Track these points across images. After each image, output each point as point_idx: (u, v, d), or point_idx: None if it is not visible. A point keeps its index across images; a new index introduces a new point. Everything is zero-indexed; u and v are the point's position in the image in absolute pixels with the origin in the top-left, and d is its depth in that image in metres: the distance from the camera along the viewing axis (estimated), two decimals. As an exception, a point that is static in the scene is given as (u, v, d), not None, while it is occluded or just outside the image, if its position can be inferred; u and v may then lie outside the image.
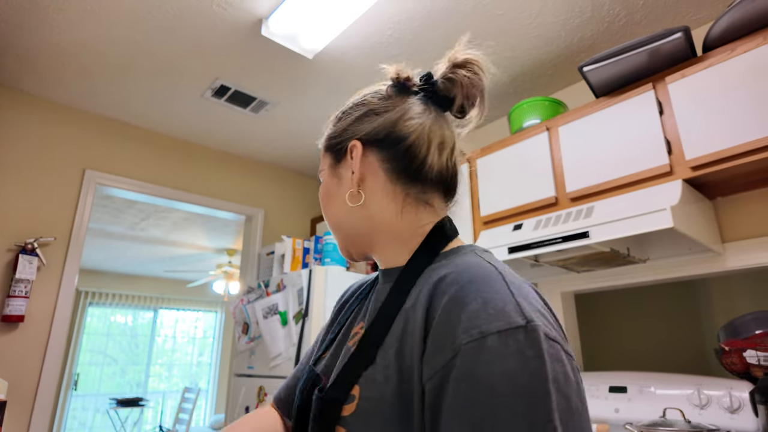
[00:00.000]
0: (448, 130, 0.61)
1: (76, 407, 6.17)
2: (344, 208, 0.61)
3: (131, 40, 2.03)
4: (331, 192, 0.63)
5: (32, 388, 2.20)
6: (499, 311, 0.41)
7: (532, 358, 0.39)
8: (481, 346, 0.40)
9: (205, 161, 3.03)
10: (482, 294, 0.43)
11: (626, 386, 1.70)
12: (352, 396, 0.47)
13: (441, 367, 0.41)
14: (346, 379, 0.49)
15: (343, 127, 0.62)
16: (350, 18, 1.83)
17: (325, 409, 0.48)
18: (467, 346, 0.40)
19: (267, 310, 2.38)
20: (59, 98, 2.50)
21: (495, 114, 2.62)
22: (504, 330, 0.40)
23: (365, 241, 0.61)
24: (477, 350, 0.39)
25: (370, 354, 0.49)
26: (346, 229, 0.62)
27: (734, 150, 1.33)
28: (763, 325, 1.50)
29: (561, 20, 1.91)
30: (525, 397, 0.37)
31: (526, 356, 0.39)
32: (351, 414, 0.46)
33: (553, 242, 1.52)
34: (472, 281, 0.45)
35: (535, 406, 0.37)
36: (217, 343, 7.52)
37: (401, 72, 0.62)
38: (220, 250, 5.69)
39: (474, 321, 0.41)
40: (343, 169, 0.61)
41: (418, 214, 0.60)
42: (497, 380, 0.38)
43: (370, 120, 0.61)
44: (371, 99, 0.62)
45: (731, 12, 1.38)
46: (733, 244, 1.59)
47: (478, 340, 0.40)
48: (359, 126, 0.61)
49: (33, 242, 2.27)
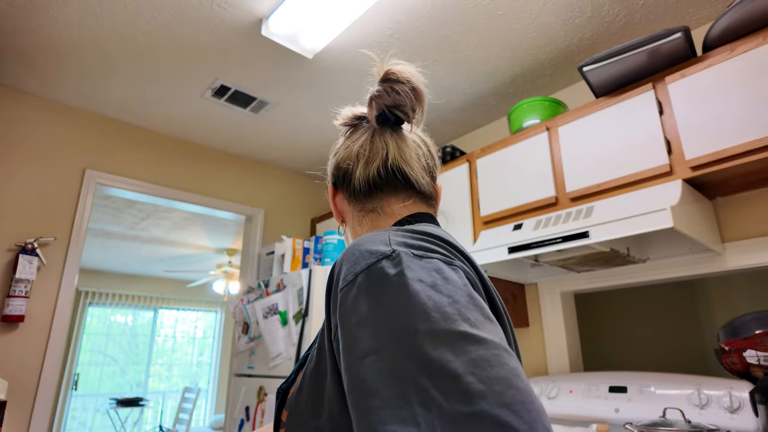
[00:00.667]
0: (381, 141, 0.66)
1: (76, 407, 6.17)
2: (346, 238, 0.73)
3: (132, 40, 2.03)
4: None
5: (32, 388, 2.20)
6: (369, 253, 0.43)
7: (394, 275, 0.39)
8: (352, 287, 0.41)
9: (205, 161, 3.03)
10: (360, 246, 0.45)
11: (626, 386, 1.70)
12: (296, 381, 0.53)
13: (335, 324, 0.43)
14: (295, 369, 0.56)
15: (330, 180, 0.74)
16: (350, 18, 1.83)
17: (277, 397, 0.55)
18: (342, 291, 0.42)
19: (267, 310, 2.38)
20: (59, 98, 2.50)
21: (495, 114, 2.62)
22: (371, 264, 0.42)
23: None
24: (348, 292, 0.41)
25: (316, 340, 0.54)
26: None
27: (734, 150, 1.33)
28: (763, 324, 1.50)
29: (561, 20, 1.91)
30: (388, 313, 0.37)
31: (388, 276, 0.39)
32: (291, 395, 0.51)
33: (553, 242, 1.52)
34: (355, 244, 0.47)
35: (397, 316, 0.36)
36: (217, 343, 7.52)
37: (343, 116, 0.72)
38: (220, 250, 5.69)
39: (350, 269, 0.43)
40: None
41: (373, 221, 0.66)
42: (363, 309, 0.39)
43: (331, 164, 0.72)
44: (335, 147, 0.73)
45: (731, 12, 1.38)
46: (732, 244, 1.59)
47: (351, 282, 0.42)
48: (331, 173, 0.73)
49: (33, 242, 2.27)
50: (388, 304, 0.38)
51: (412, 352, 0.34)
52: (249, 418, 2.31)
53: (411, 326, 0.36)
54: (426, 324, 0.35)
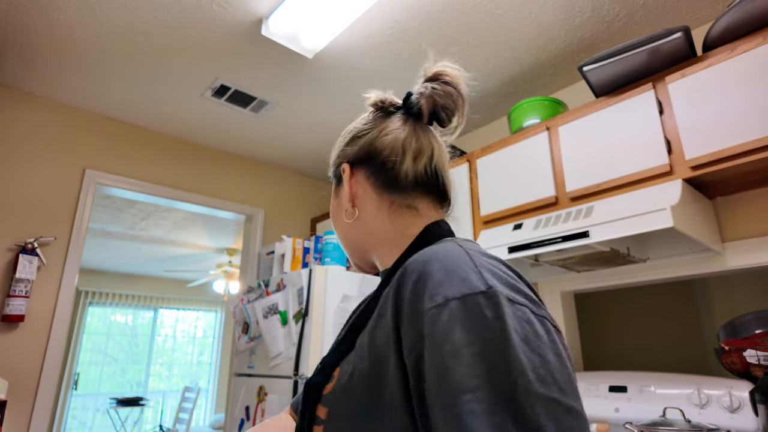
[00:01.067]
0: (426, 139, 0.66)
1: (76, 407, 6.18)
2: (346, 225, 0.69)
3: (132, 39, 2.03)
4: (335, 212, 0.71)
5: (32, 388, 2.20)
6: (461, 279, 0.43)
7: (492, 319, 0.40)
8: (443, 310, 0.41)
9: (205, 161, 3.03)
10: (445, 266, 0.45)
11: (626, 386, 1.70)
12: (332, 377, 0.52)
13: (416, 339, 0.43)
14: (329, 364, 0.54)
15: (337, 153, 0.71)
16: (350, 17, 1.83)
17: (309, 392, 0.53)
18: (431, 311, 0.42)
19: (267, 309, 2.38)
20: (59, 98, 2.50)
21: (495, 114, 2.62)
22: (466, 294, 0.41)
23: (366, 251, 0.68)
24: (438, 314, 0.41)
25: (350, 340, 0.54)
26: (350, 244, 0.69)
27: (734, 150, 1.33)
28: (763, 324, 1.50)
29: (561, 20, 1.91)
30: (486, 355, 0.38)
31: (486, 317, 0.40)
32: (329, 392, 0.51)
33: (553, 242, 1.52)
34: (435, 257, 0.47)
35: (496, 362, 0.38)
36: (217, 342, 7.52)
37: (378, 97, 0.70)
38: (220, 250, 5.69)
39: (437, 289, 0.43)
40: (342, 191, 0.69)
41: (405, 218, 0.65)
42: (459, 340, 0.39)
43: (354, 143, 0.69)
44: (356, 126, 0.71)
45: (731, 12, 1.38)
46: (732, 244, 1.59)
47: (441, 305, 0.41)
48: (348, 150, 0.69)
49: (33, 242, 2.27)
50: (486, 347, 0.38)
51: (507, 403, 0.36)
52: (249, 418, 2.31)
53: (509, 377, 0.37)
54: (523, 380, 0.37)
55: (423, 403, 0.41)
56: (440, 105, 0.65)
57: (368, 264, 0.69)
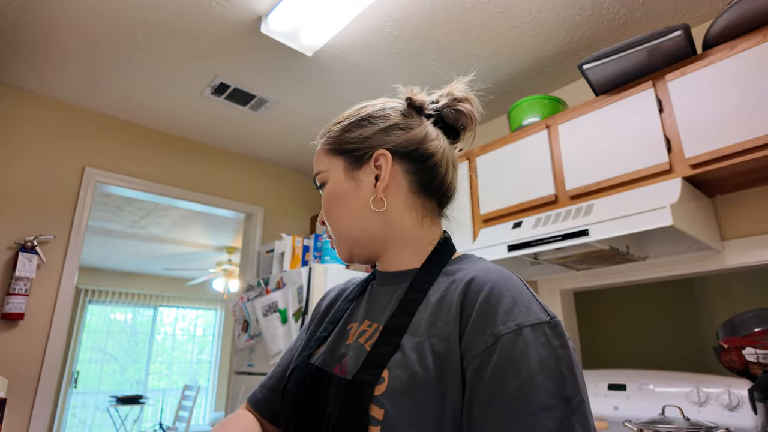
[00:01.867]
0: (452, 153, 0.70)
1: (76, 405, 6.18)
2: (361, 212, 0.64)
3: (131, 37, 2.03)
4: (345, 195, 0.65)
5: (32, 386, 2.21)
6: (527, 308, 0.50)
7: (558, 347, 0.48)
8: (518, 336, 0.48)
9: (204, 159, 3.03)
10: (511, 293, 0.51)
11: (625, 384, 1.70)
12: (382, 378, 0.51)
13: (481, 352, 0.48)
14: (374, 364, 0.53)
15: (365, 135, 0.65)
16: (350, 16, 1.83)
17: (356, 391, 0.52)
18: (506, 336, 0.48)
19: (267, 308, 2.38)
20: (59, 96, 2.50)
21: (495, 112, 2.62)
22: (535, 323, 0.49)
23: (377, 246, 0.66)
24: (514, 340, 0.47)
25: (393, 341, 0.54)
26: (357, 233, 0.65)
27: (734, 148, 1.33)
28: (761, 322, 1.50)
29: (561, 18, 1.91)
30: (555, 377, 0.46)
31: (553, 345, 0.48)
32: (382, 393, 0.50)
33: (552, 240, 1.52)
34: (501, 281, 0.53)
35: (564, 384, 0.46)
36: (216, 340, 7.53)
37: (417, 95, 0.68)
38: (220, 248, 5.69)
39: (509, 315, 0.49)
40: (364, 174, 0.64)
41: (432, 225, 0.67)
42: (532, 365, 0.46)
43: (396, 133, 0.65)
44: (392, 114, 0.66)
45: (731, 10, 1.38)
46: (732, 242, 1.59)
47: (515, 332, 0.48)
48: (385, 137, 0.65)
49: (32, 240, 2.27)
50: (556, 371, 0.46)
51: (571, 419, 0.44)
52: (249, 416, 2.31)
53: (571, 396, 0.45)
54: (579, 400, 0.46)
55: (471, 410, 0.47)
56: (463, 125, 0.69)
57: (368, 258, 0.67)
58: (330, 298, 0.79)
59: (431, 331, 0.53)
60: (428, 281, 0.60)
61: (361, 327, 0.63)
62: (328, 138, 0.68)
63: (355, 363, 0.57)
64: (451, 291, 0.55)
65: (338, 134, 0.67)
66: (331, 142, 0.67)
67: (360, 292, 0.72)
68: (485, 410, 0.46)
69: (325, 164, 0.67)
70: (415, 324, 0.55)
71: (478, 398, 0.47)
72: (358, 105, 0.70)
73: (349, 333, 0.64)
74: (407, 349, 0.53)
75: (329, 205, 0.66)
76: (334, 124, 0.69)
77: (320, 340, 0.67)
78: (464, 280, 0.55)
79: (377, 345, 0.55)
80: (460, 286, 0.55)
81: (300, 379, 0.61)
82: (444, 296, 0.56)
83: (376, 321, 0.61)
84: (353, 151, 0.65)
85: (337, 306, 0.74)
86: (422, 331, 0.54)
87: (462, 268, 0.60)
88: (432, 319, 0.54)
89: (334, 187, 0.65)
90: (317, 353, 0.65)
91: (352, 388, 0.52)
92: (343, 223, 0.65)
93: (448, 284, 0.57)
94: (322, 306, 0.79)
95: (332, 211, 0.65)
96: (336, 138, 0.67)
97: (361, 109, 0.68)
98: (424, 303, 0.57)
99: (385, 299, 0.64)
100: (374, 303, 0.65)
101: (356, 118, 0.67)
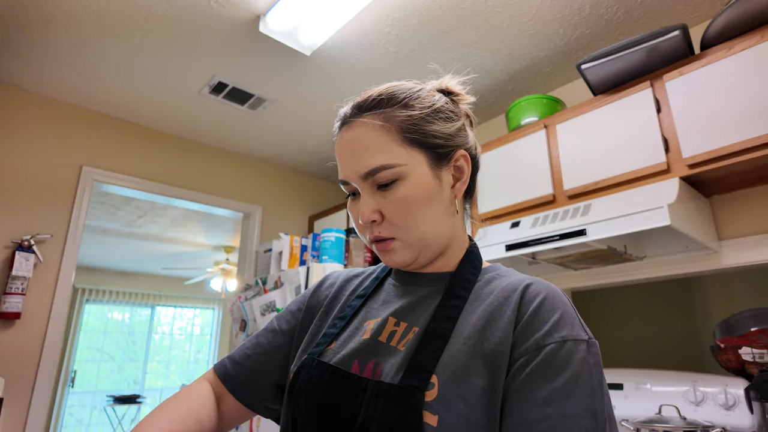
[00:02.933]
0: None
1: (73, 404, 6.17)
2: (443, 215, 0.60)
3: (129, 36, 2.02)
4: (432, 196, 0.58)
5: (29, 385, 2.20)
6: (571, 323, 0.53)
7: (592, 365, 0.51)
8: (561, 347, 0.50)
9: (202, 158, 3.02)
10: (560, 306, 0.54)
11: (623, 383, 1.71)
12: (432, 384, 0.51)
13: (524, 356, 0.51)
14: (421, 369, 0.52)
15: (452, 132, 0.61)
16: (348, 14, 1.83)
17: (407, 397, 0.50)
18: (550, 346, 0.50)
19: (265, 307, 2.38)
20: (56, 95, 2.49)
21: (493, 111, 2.62)
22: (577, 339, 0.52)
23: (439, 250, 0.62)
24: (557, 350, 0.50)
25: (438, 346, 0.54)
26: (432, 237, 0.60)
27: (731, 148, 1.33)
28: (758, 322, 1.51)
29: (559, 18, 1.91)
30: (587, 390, 0.48)
31: (588, 362, 0.50)
32: (434, 399, 0.49)
33: (550, 240, 1.53)
34: (554, 294, 0.56)
35: (593, 398, 0.48)
36: (214, 340, 7.52)
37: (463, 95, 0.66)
38: (218, 248, 5.68)
39: (556, 327, 0.52)
40: (444, 174, 0.60)
41: (465, 228, 0.67)
42: (568, 374, 0.49)
43: (466, 133, 0.64)
44: (450, 108, 0.63)
45: (729, 10, 1.38)
46: (729, 242, 1.60)
47: (559, 342, 0.51)
48: (464, 137, 0.63)
49: (30, 239, 2.26)
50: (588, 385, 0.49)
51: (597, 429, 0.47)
52: (246, 415, 2.31)
53: (599, 411, 0.48)
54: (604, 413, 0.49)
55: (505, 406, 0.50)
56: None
57: (423, 264, 0.63)
58: (332, 287, 0.74)
59: (481, 335, 0.54)
60: (466, 288, 0.60)
61: (387, 326, 0.60)
62: (400, 124, 0.58)
63: (391, 366, 0.54)
64: (501, 299, 0.56)
65: (417, 123, 0.59)
66: (409, 131, 0.58)
67: (373, 289, 0.69)
68: (518, 407, 0.48)
69: (402, 156, 0.57)
70: (460, 328, 0.55)
71: (513, 394, 0.49)
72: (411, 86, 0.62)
73: (366, 329, 0.61)
74: (454, 352, 0.53)
75: (412, 206, 0.57)
76: (398, 107, 0.59)
77: (330, 336, 0.63)
78: (520, 286, 0.57)
79: (420, 348, 0.54)
80: (516, 293, 0.56)
81: (314, 380, 0.57)
82: (493, 303, 0.57)
83: (407, 321, 0.59)
84: (439, 147, 0.59)
85: (344, 300, 0.70)
86: (470, 335, 0.54)
87: (501, 276, 0.61)
88: (482, 324, 0.55)
89: (421, 185, 0.57)
90: (328, 351, 0.61)
91: (401, 393, 0.50)
92: (426, 226, 0.58)
93: (496, 292, 0.58)
94: (320, 295, 0.74)
95: (416, 213, 0.57)
96: (415, 127, 0.58)
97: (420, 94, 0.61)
98: (466, 308, 0.58)
99: (416, 299, 0.61)
100: (399, 301, 0.62)
101: (430, 109, 0.60)
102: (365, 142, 0.57)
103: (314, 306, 0.73)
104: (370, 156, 0.57)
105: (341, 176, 0.61)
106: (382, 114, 0.58)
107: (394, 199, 0.57)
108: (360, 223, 0.60)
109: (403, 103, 0.59)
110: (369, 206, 0.58)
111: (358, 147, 0.58)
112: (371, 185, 0.58)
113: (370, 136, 0.57)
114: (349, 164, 0.59)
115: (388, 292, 0.66)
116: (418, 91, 0.61)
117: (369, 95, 0.61)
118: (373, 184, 0.58)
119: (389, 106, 0.59)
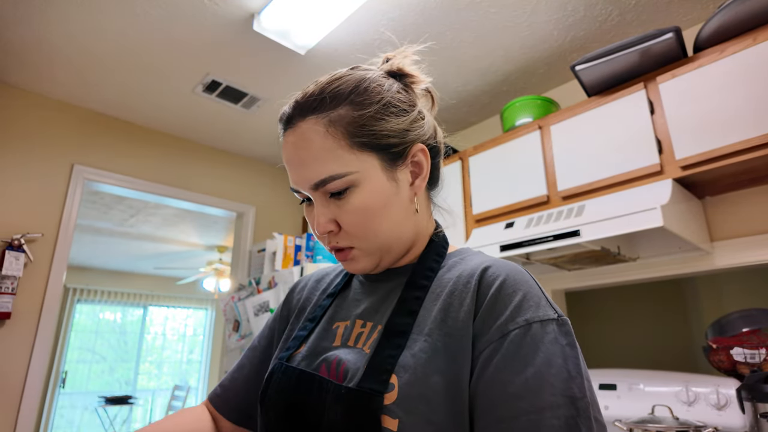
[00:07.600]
0: None
1: (63, 405, 6.11)
2: (402, 218, 0.56)
3: (121, 33, 2.00)
4: (389, 201, 0.54)
5: (19, 386, 2.17)
6: (536, 304, 0.48)
7: (565, 345, 0.46)
8: (526, 332, 0.46)
9: (195, 157, 3.01)
10: (521, 287, 0.50)
11: (616, 383, 1.71)
12: (391, 385, 0.47)
13: (488, 347, 0.47)
14: (380, 370, 0.48)
15: (406, 126, 0.56)
16: (343, 14, 1.82)
17: (364, 401, 0.46)
18: (515, 332, 0.47)
19: (258, 307, 2.37)
20: (47, 92, 2.47)
21: (487, 112, 2.62)
22: (543, 320, 0.47)
23: (403, 249, 0.59)
24: (523, 336, 0.46)
25: (399, 343, 0.51)
26: (393, 241, 0.57)
27: (724, 150, 1.34)
28: (749, 323, 1.52)
29: (554, 19, 1.91)
30: (562, 375, 0.44)
31: (560, 343, 0.46)
32: (394, 402, 0.46)
33: (544, 240, 1.53)
34: (514, 275, 0.51)
35: (570, 383, 0.44)
36: (207, 340, 7.48)
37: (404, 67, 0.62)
38: (211, 247, 5.65)
39: (519, 310, 0.48)
40: (401, 173, 0.56)
41: (431, 216, 0.64)
42: (539, 361, 0.45)
43: (421, 124, 0.59)
44: (402, 99, 0.58)
45: (721, 13, 1.39)
46: (721, 243, 1.61)
47: (524, 327, 0.47)
48: (419, 129, 0.58)
49: (20, 238, 2.23)
50: (563, 369, 0.45)
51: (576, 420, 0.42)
52: (239, 416, 2.30)
53: (578, 397, 0.43)
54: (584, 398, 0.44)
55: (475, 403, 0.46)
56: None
57: (388, 266, 0.60)
58: (303, 291, 0.73)
59: (442, 329, 0.50)
60: (428, 277, 0.56)
61: (355, 329, 0.57)
62: (347, 128, 0.53)
63: (355, 368, 0.51)
64: (461, 286, 0.52)
65: (365, 124, 0.54)
66: (357, 134, 0.53)
67: (342, 286, 0.67)
68: (489, 406, 0.45)
69: (352, 162, 0.53)
70: (421, 322, 0.52)
71: (483, 392, 0.45)
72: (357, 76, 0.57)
73: (336, 333, 0.59)
74: (416, 350, 0.49)
75: (368, 214, 0.53)
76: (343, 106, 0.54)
77: (299, 339, 0.62)
78: (477, 270, 0.52)
79: (380, 348, 0.51)
80: (473, 279, 0.52)
81: (282, 385, 0.56)
82: (453, 292, 0.52)
83: (372, 320, 0.57)
84: (393, 146, 0.55)
85: (315, 301, 0.68)
86: (431, 330, 0.50)
87: (465, 260, 0.57)
88: (442, 316, 0.51)
89: (376, 192, 0.53)
90: (297, 355, 0.59)
91: (358, 398, 0.47)
92: (385, 233, 0.55)
93: (455, 279, 0.54)
94: (293, 300, 0.73)
95: (373, 221, 0.54)
96: (364, 129, 0.53)
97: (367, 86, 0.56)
98: (427, 299, 0.54)
99: (380, 297, 0.59)
100: (366, 300, 0.60)
101: (379, 105, 0.54)
102: (312, 150, 0.53)
103: (287, 314, 0.72)
104: (319, 165, 0.52)
105: (291, 184, 0.57)
106: (326, 117, 0.53)
107: (349, 209, 0.53)
108: (317, 233, 0.56)
109: (349, 101, 0.54)
110: (323, 216, 0.54)
111: (305, 155, 0.53)
112: (323, 194, 0.54)
113: (316, 143, 0.53)
114: (297, 173, 0.55)
115: (356, 289, 0.64)
116: (365, 83, 0.56)
117: (311, 92, 0.56)
118: (325, 193, 0.54)
119: (333, 106, 0.54)
